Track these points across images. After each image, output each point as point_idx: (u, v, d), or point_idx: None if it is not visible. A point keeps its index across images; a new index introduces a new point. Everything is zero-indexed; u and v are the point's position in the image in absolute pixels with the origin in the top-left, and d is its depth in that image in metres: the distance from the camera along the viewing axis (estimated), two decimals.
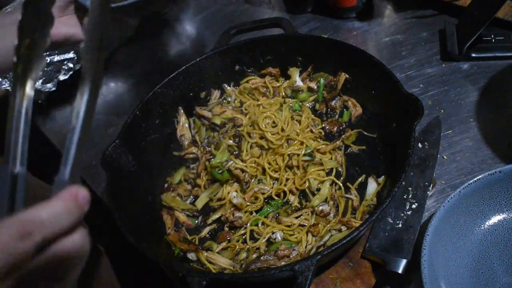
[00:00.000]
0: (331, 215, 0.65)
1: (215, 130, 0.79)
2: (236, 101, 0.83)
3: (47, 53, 1.01)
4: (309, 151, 0.71)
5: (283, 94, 0.82)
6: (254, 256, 0.61)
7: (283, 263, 0.59)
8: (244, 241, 0.64)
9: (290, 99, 0.81)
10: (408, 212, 0.62)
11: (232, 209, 0.68)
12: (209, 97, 0.84)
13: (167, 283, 0.61)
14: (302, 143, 0.72)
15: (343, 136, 0.74)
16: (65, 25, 0.62)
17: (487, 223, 0.59)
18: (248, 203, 0.68)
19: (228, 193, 0.70)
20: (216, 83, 0.84)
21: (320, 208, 0.65)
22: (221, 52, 0.80)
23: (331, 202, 0.66)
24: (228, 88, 0.84)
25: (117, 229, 0.56)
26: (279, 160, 0.72)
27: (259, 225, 0.65)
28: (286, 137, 0.73)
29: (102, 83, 0.55)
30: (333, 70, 0.79)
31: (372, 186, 0.66)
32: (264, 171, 0.71)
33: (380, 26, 0.98)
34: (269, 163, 0.72)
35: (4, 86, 1.01)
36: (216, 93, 0.84)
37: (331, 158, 0.71)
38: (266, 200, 0.69)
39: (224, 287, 0.53)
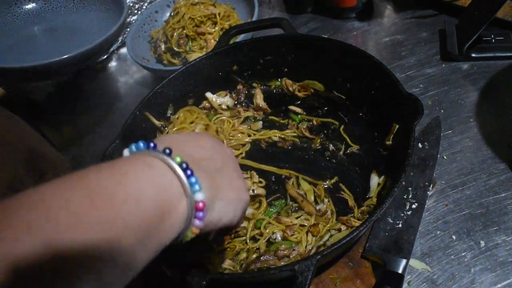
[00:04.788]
0: (328, 213, 0.64)
1: None
2: None
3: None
4: None
5: None
6: (254, 256, 0.61)
7: (283, 263, 0.59)
8: (244, 241, 0.64)
9: None
10: (408, 212, 0.62)
11: None
12: None
13: (167, 283, 0.61)
14: None
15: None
16: None
17: None
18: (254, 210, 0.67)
19: None
20: (216, 83, 0.84)
21: (318, 207, 0.65)
22: (221, 52, 0.80)
23: (326, 200, 0.65)
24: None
25: None
26: None
27: (262, 228, 0.64)
28: None
29: None
30: (333, 70, 0.78)
31: (375, 181, 0.66)
32: None
33: (380, 26, 0.98)
34: None
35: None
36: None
37: None
38: (268, 202, 0.68)
39: (224, 287, 0.53)
